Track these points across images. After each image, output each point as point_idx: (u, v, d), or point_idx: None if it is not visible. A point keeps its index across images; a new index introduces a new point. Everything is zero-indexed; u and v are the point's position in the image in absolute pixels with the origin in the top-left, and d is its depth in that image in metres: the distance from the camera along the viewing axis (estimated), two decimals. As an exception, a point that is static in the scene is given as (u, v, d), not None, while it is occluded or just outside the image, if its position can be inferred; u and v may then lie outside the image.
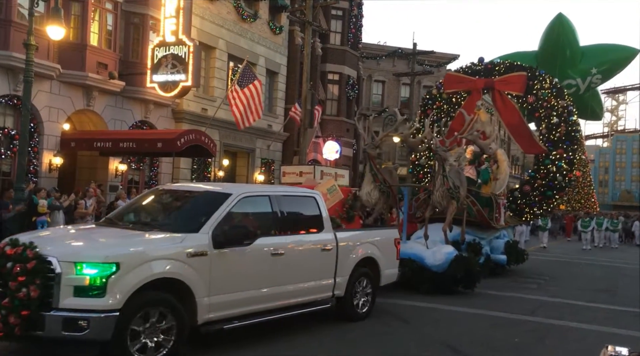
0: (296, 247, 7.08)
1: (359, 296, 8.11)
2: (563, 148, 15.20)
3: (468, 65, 17.01)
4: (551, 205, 15.92)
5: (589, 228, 26.86)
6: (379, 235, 8.78)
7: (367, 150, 11.75)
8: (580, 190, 43.65)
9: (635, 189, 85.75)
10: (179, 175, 20.15)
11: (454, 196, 11.51)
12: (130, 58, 18.30)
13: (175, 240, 5.82)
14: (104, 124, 17.69)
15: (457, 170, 12.11)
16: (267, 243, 6.65)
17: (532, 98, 15.56)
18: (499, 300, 10.65)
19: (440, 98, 17.06)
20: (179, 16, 17.99)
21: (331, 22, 28.98)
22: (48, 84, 15.91)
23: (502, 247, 14.31)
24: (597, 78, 26.17)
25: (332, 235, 7.64)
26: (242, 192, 6.69)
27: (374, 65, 37.27)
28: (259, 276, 6.53)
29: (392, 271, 8.87)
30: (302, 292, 7.10)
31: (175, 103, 19.73)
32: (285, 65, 25.95)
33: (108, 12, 17.36)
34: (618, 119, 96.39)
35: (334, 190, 11.18)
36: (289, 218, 7.20)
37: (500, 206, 14.26)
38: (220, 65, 21.97)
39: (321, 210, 7.65)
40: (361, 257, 8.07)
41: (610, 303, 11.01)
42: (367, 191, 11.73)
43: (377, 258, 8.40)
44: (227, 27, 22.14)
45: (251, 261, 6.43)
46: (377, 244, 8.49)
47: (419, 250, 11.15)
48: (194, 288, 5.74)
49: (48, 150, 16.10)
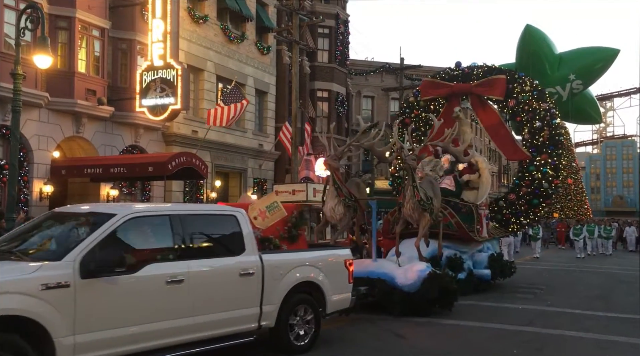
0: (202, 273, 6.17)
1: (297, 327, 7.12)
2: (547, 153, 14.63)
3: (445, 71, 16.37)
4: (538, 213, 15.31)
5: (580, 236, 26.38)
6: (323, 256, 7.82)
7: (328, 162, 10.63)
8: (573, 197, 43.84)
9: (627, 194, 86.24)
10: (172, 198, 20.09)
11: (427, 208, 10.54)
12: (119, 83, 18.34)
13: (25, 270, 5.00)
14: (94, 150, 17.65)
15: (431, 180, 11.48)
16: (161, 269, 5.82)
17: (513, 102, 15.03)
18: (495, 312, 10.62)
19: (419, 106, 16.42)
20: (166, 40, 18.09)
21: (318, 40, 29.23)
22: (37, 112, 15.90)
23: (485, 261, 13.49)
24: (577, 84, 25.12)
25: (255, 257, 6.75)
26: (129, 213, 5.85)
27: (363, 81, 37.50)
28: (149, 308, 5.66)
29: (341, 297, 7.79)
30: (213, 325, 6.19)
31: (165, 126, 19.75)
32: (274, 84, 26.08)
33: (95, 39, 17.42)
34: (607, 126, 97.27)
35: (275, 207, 9.73)
36: (195, 240, 6.42)
37: (482, 217, 13.51)
38: (209, 87, 22.06)
39: (243, 230, 6.77)
40: (297, 281, 7.11)
41: (607, 310, 11.00)
42: (330, 206, 10.65)
43: (320, 283, 7.39)
44: (214, 49, 22.27)
45: (136, 291, 5.59)
46: (321, 266, 7.51)
47: (390, 269, 10.27)
48: (50, 327, 4.90)
49: (38, 179, 16.04)
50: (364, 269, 10.17)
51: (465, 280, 12.18)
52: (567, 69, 25.17)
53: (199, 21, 21.30)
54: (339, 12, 30.03)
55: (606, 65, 25.83)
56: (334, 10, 29.73)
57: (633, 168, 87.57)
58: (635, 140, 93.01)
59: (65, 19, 16.49)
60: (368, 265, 10.48)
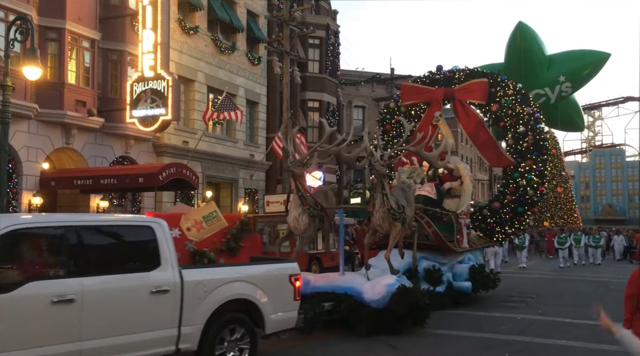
0: (99, 292, 5.57)
1: (227, 349, 6.51)
2: (532, 159, 14.11)
3: (426, 75, 15.83)
4: (523, 222, 14.78)
5: (565, 244, 25.42)
6: (262, 270, 7.18)
7: (290, 169, 9.95)
8: (563, 206, 44.11)
9: (616, 203, 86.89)
10: (162, 209, 19.98)
11: (397, 217, 9.81)
12: (109, 94, 18.29)
13: None
14: (84, 162, 17.55)
15: (403, 188, 10.82)
16: (45, 288, 5.25)
17: (496, 106, 14.50)
18: (488, 321, 10.63)
19: (399, 112, 15.85)
20: (156, 51, 18.09)
21: (309, 51, 29.36)
22: (26, 123, 15.80)
23: (466, 273, 12.77)
24: (566, 86, 24.47)
25: (173, 273, 6.15)
26: (10, 225, 5.28)
27: (353, 91, 37.66)
28: (29, 331, 5.12)
29: (285, 316, 7.13)
30: (114, 349, 5.59)
31: (156, 137, 19.69)
32: (265, 94, 26.13)
33: (85, 50, 17.38)
34: (595, 135, 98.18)
35: (214, 218, 8.82)
36: (94, 255, 5.88)
37: (463, 226, 12.92)
38: (200, 98, 22.05)
39: (159, 242, 6.17)
40: (227, 299, 6.48)
41: (594, 318, 10.98)
42: (294, 216, 9.99)
43: (257, 300, 6.77)
44: (205, 60, 22.29)
45: (11, 313, 5.04)
46: (258, 282, 6.86)
47: (357, 283, 9.57)
48: None
49: (27, 191, 15.90)
50: (330, 283, 9.68)
51: (444, 294, 11.71)
52: (557, 71, 24.61)
53: (190, 32, 21.33)
54: (329, 23, 30.21)
55: (596, 69, 25.27)
56: (324, 21, 29.90)
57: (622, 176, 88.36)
58: (623, 149, 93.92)
59: (55, 31, 16.45)
60: (334, 279, 9.89)
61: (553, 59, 25.56)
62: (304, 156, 10.40)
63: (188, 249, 7.04)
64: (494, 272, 15.40)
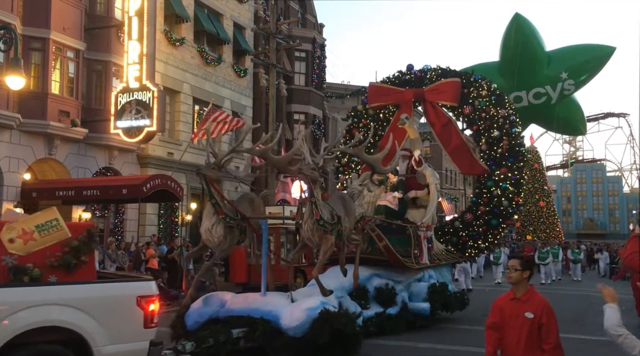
0: None
1: None
2: (507, 166, 13.03)
3: (396, 75, 14.62)
4: (497, 235, 13.58)
5: (547, 260, 23.37)
6: (93, 291, 5.86)
7: (202, 172, 8.45)
8: (545, 219, 44.49)
9: (597, 217, 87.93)
10: (146, 220, 19.79)
11: (328, 230, 8.49)
12: (93, 105, 18.15)
13: None
14: (67, 172, 17.35)
15: (343, 196, 9.77)
16: None
17: (469, 108, 13.37)
18: (472, 334, 10.55)
19: (367, 115, 14.81)
20: (142, 62, 18.02)
21: (295, 64, 29.48)
22: (8, 133, 15.61)
23: (424, 292, 11.25)
24: (569, 84, 22.62)
25: None
26: None
27: (339, 104, 37.79)
28: None
29: (127, 348, 5.82)
30: None
31: (141, 148, 19.55)
32: (251, 106, 26.14)
33: (69, 61, 17.26)
34: (576, 150, 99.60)
35: (52, 227, 6.97)
36: None
37: (422, 240, 11.51)
38: (185, 109, 21.97)
39: None
40: (32, 326, 5.28)
41: (580, 333, 11.05)
42: (207, 227, 8.50)
43: (81, 329, 5.52)
44: (191, 71, 22.25)
45: None
46: (86, 306, 5.60)
47: (277, 306, 8.06)
48: None
49: (8, 201, 15.66)
50: (247, 306, 8.19)
51: (397, 316, 10.45)
52: (559, 67, 22.92)
53: (176, 43, 21.30)
54: (315, 36, 30.39)
55: (601, 64, 23.72)
56: (310, 35, 30.08)
57: (602, 191, 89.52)
58: (604, 164, 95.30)
59: (39, 40, 16.32)
60: (253, 301, 8.33)
61: (552, 55, 23.84)
62: (219, 158, 8.91)
63: (6, 264, 5.78)
64: (462, 291, 14.05)
